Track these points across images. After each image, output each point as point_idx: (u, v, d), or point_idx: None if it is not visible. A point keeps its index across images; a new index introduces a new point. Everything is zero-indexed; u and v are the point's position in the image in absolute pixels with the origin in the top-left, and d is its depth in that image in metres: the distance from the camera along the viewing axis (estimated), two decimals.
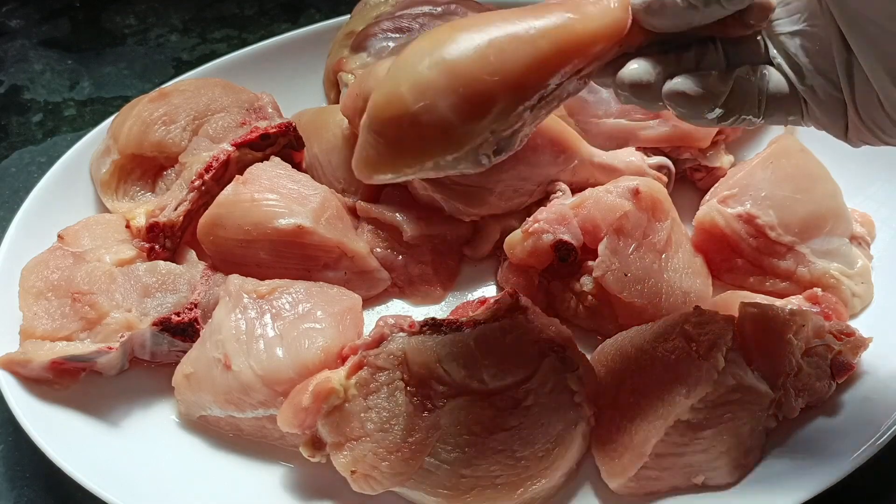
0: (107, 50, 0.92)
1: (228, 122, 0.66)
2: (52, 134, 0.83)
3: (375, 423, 0.50)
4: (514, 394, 0.51)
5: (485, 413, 0.50)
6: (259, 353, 0.52)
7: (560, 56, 0.42)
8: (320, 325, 0.54)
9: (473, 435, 0.49)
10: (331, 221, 0.60)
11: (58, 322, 0.55)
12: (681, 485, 0.50)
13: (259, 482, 0.53)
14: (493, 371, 0.51)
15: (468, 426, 0.49)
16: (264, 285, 0.56)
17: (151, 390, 0.57)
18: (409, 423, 0.49)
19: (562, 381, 0.52)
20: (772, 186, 0.62)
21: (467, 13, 0.73)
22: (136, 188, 0.66)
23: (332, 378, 0.50)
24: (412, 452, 0.49)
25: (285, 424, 0.50)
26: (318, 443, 0.50)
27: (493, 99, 0.41)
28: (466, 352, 0.51)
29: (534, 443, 0.50)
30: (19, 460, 0.57)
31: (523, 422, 0.50)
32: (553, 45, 0.42)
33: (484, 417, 0.50)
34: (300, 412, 0.49)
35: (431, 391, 0.50)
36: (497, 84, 0.41)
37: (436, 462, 0.49)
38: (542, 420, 0.51)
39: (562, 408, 0.51)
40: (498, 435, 0.50)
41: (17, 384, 0.54)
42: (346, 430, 0.50)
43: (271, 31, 0.93)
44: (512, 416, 0.50)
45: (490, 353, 0.52)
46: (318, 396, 0.49)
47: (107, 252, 0.59)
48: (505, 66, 0.41)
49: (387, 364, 0.51)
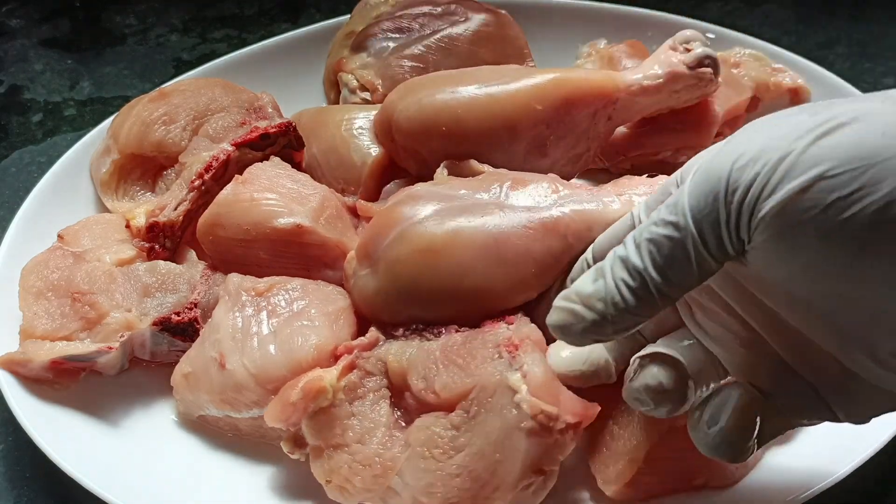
0: (107, 50, 0.92)
1: (228, 122, 0.66)
2: (52, 134, 0.83)
3: (356, 432, 0.48)
4: (466, 406, 0.47)
5: (444, 434, 0.47)
6: (253, 350, 0.52)
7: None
8: (314, 323, 0.54)
9: (433, 459, 0.46)
10: (330, 221, 0.60)
11: (58, 322, 0.55)
12: (680, 487, 0.50)
13: (259, 482, 0.53)
14: (443, 381, 0.48)
15: (429, 449, 0.47)
16: (262, 282, 0.56)
17: (151, 390, 0.57)
18: (384, 437, 0.48)
19: (503, 383, 0.46)
20: None
21: (467, 13, 0.73)
22: (136, 188, 0.66)
23: (323, 377, 0.49)
24: (383, 470, 0.47)
25: (271, 418, 0.49)
26: (300, 441, 0.50)
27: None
28: (429, 361, 0.49)
29: (483, 457, 0.46)
30: (19, 460, 0.57)
31: (473, 438, 0.46)
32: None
33: (441, 440, 0.47)
34: (287, 407, 0.48)
35: (407, 404, 0.49)
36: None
37: (402, 483, 0.47)
38: (486, 429, 0.46)
39: (503, 410, 0.46)
40: (455, 458, 0.46)
41: (17, 384, 0.54)
42: (328, 435, 0.49)
43: (271, 31, 0.93)
44: (465, 433, 0.46)
45: (448, 363, 0.48)
46: (307, 394, 0.48)
47: (107, 252, 0.59)
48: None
49: (374, 369, 0.50)
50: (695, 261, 0.36)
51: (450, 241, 0.51)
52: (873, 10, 0.92)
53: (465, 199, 0.53)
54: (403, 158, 0.64)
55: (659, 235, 0.36)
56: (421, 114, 0.60)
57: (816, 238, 0.33)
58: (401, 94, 0.63)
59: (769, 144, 0.34)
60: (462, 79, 0.62)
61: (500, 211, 0.52)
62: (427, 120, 0.60)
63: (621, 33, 0.77)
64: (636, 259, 0.37)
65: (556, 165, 0.62)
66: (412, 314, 0.52)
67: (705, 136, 0.68)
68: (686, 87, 0.63)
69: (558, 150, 0.62)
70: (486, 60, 0.70)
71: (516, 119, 0.59)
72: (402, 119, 0.61)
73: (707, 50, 0.63)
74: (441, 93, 0.60)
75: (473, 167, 0.58)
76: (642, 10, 0.79)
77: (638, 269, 0.37)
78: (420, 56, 0.71)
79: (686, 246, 0.36)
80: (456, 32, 0.72)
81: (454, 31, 0.72)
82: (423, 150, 0.61)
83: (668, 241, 0.36)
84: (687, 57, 0.63)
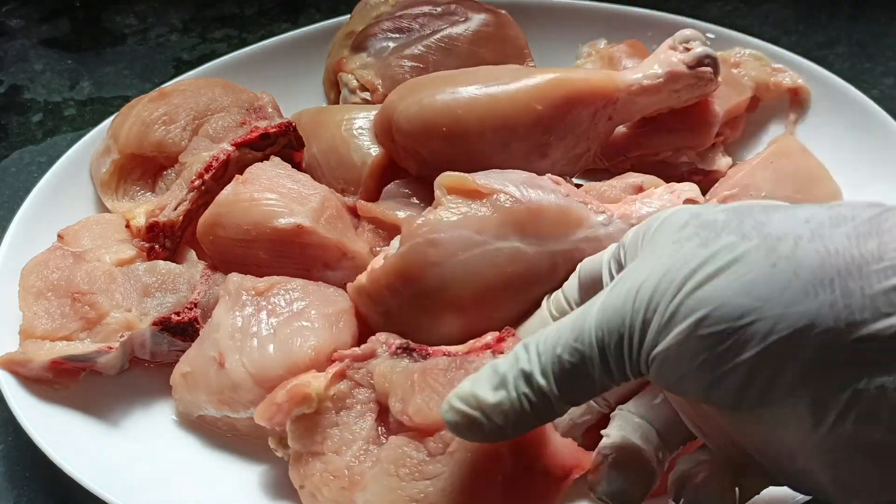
0: (107, 50, 0.92)
1: (228, 122, 0.66)
2: (52, 134, 0.83)
3: (334, 442, 0.48)
4: (446, 438, 0.46)
5: (415, 457, 0.46)
6: (252, 350, 0.52)
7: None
8: (313, 324, 0.54)
9: (397, 478, 0.46)
10: (330, 221, 0.60)
11: (58, 322, 0.55)
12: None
13: (259, 482, 0.53)
14: (417, 405, 0.47)
15: (396, 467, 0.46)
16: (262, 282, 0.56)
17: (151, 390, 0.57)
18: (360, 450, 0.47)
19: None
20: (772, 186, 0.62)
21: (467, 13, 0.73)
22: (136, 188, 0.66)
23: (310, 384, 0.48)
24: (350, 483, 0.47)
25: (259, 416, 0.49)
26: (285, 441, 0.49)
27: None
28: (408, 383, 0.48)
29: (448, 497, 0.44)
30: (19, 460, 0.57)
31: (445, 473, 0.45)
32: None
33: (410, 461, 0.46)
34: (272, 407, 0.48)
35: (389, 422, 0.48)
36: None
37: (363, 498, 0.46)
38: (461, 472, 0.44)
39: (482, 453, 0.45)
40: (419, 484, 0.45)
41: (17, 384, 0.54)
42: (308, 441, 0.48)
43: (271, 31, 0.93)
44: (437, 464, 0.45)
45: (425, 386, 0.48)
46: (291, 398, 0.48)
47: (107, 252, 0.59)
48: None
49: (364, 382, 0.49)
50: (598, 383, 0.38)
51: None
52: (873, 10, 0.92)
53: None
54: (403, 159, 0.64)
55: (565, 360, 0.37)
56: (421, 114, 0.60)
57: (696, 390, 0.35)
58: (401, 94, 0.63)
59: (660, 285, 0.35)
60: (462, 79, 0.62)
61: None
62: (427, 120, 0.60)
63: (621, 33, 0.77)
64: (541, 378, 0.38)
65: (557, 165, 0.62)
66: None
67: (705, 135, 0.68)
68: (686, 87, 0.63)
69: (558, 150, 0.62)
70: (486, 60, 0.70)
71: (516, 119, 0.59)
72: (403, 119, 0.61)
73: (707, 49, 0.63)
74: (441, 93, 0.60)
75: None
76: (642, 10, 0.79)
77: (542, 388, 0.38)
78: (420, 56, 0.71)
79: (590, 371, 0.37)
80: (456, 32, 0.72)
81: (454, 31, 0.72)
82: (424, 150, 0.61)
83: (572, 367, 0.37)
84: (687, 56, 0.63)
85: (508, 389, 0.38)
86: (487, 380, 0.39)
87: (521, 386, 0.38)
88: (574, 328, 0.38)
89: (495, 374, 0.39)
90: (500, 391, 0.38)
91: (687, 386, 0.35)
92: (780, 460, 0.36)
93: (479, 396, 0.39)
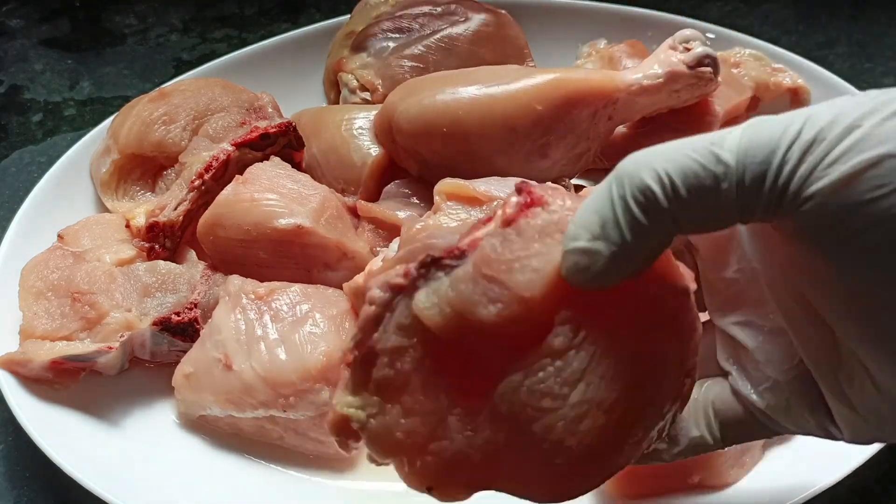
0: (107, 50, 0.92)
1: (228, 122, 0.66)
2: (52, 134, 0.83)
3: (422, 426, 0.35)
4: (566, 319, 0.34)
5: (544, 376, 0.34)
6: (261, 354, 0.52)
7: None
8: (320, 328, 0.54)
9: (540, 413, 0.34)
10: (331, 221, 0.60)
11: (58, 322, 0.55)
12: (676, 484, 0.50)
13: (259, 482, 0.53)
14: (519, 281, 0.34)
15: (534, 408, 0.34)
16: (262, 287, 0.56)
17: (151, 390, 0.57)
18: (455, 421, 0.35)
19: None
20: None
21: (467, 13, 0.73)
22: (136, 188, 0.66)
23: (338, 402, 0.36)
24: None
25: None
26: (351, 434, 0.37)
27: None
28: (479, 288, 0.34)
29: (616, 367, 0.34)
30: (19, 460, 0.57)
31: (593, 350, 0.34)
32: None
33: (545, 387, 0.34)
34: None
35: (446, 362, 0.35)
36: None
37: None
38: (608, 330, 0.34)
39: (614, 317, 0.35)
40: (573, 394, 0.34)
41: (17, 384, 0.54)
42: (382, 449, 0.36)
43: (271, 31, 0.93)
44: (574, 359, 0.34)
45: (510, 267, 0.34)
46: (338, 431, 0.36)
47: (107, 252, 0.59)
48: None
49: (401, 340, 0.35)
50: (723, 200, 0.32)
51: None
52: (873, 10, 0.92)
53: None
54: (404, 159, 0.64)
55: (693, 160, 0.32)
56: (421, 115, 0.60)
57: (874, 222, 0.30)
58: (401, 94, 0.63)
59: (842, 112, 0.31)
60: (462, 79, 0.62)
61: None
62: (427, 121, 0.60)
63: (621, 33, 0.77)
64: (652, 180, 0.33)
65: (557, 166, 0.62)
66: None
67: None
68: (686, 87, 0.63)
69: (559, 150, 0.62)
70: (486, 60, 0.70)
71: (517, 119, 0.59)
72: (403, 120, 0.61)
73: (707, 49, 0.63)
74: (441, 93, 0.60)
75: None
76: (642, 10, 0.79)
77: (652, 189, 0.33)
78: (420, 56, 0.71)
79: (719, 183, 0.32)
80: (456, 32, 0.72)
81: (454, 31, 0.72)
82: (424, 150, 0.61)
83: (701, 170, 0.32)
84: (687, 56, 0.63)
85: (614, 200, 0.33)
86: (588, 207, 0.34)
87: (630, 189, 0.33)
88: (705, 139, 0.32)
89: (593, 198, 0.34)
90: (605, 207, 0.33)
91: (858, 221, 0.30)
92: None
93: (585, 224, 0.33)
